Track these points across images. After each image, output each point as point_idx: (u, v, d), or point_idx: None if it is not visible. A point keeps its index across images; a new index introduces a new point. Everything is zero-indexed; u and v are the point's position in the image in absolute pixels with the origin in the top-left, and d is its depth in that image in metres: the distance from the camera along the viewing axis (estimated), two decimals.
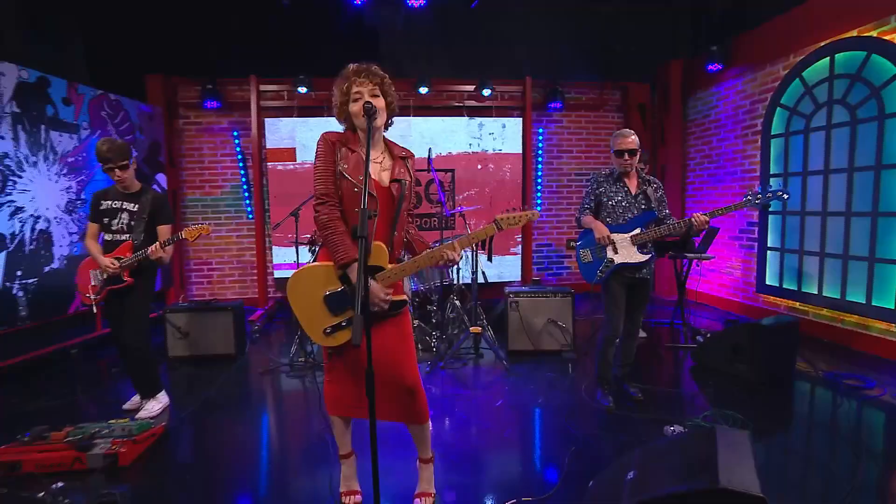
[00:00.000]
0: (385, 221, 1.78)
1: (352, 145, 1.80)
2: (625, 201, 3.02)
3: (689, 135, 6.21)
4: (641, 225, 2.96)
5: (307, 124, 5.72)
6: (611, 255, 2.96)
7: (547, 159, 6.57)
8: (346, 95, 1.77)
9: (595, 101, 6.64)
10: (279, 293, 6.05)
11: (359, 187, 1.68)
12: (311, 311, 1.77)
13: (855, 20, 4.00)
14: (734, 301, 5.45)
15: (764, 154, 4.95)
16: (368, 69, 1.78)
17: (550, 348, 4.06)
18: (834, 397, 3.23)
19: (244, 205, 6.04)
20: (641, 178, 3.09)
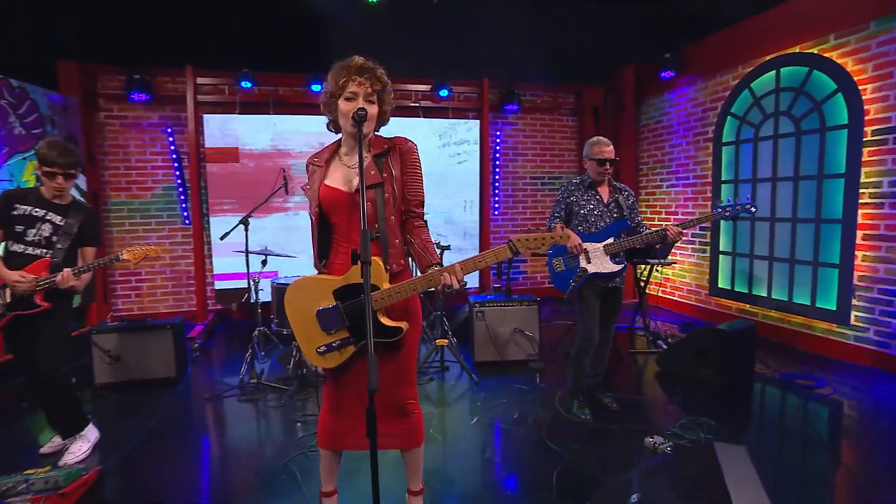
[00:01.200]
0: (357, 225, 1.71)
1: (322, 160, 1.76)
2: (597, 210, 3.08)
3: (642, 139, 6.52)
4: (614, 234, 3.04)
5: (251, 122, 5.47)
6: (583, 265, 3.01)
7: (503, 162, 6.66)
8: (340, 89, 1.67)
9: (550, 104, 6.82)
10: (220, 305, 5.72)
11: (342, 197, 1.67)
12: (306, 326, 1.72)
13: (797, 37, 4.37)
14: (688, 304, 5.78)
15: (716, 161, 5.29)
16: (374, 70, 1.68)
17: (517, 358, 4.11)
18: (791, 398, 3.51)
19: (179, 209, 5.66)
20: (613, 186, 3.17)
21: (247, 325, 5.47)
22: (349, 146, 1.75)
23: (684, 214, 5.84)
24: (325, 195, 1.72)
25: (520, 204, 6.90)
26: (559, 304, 6.13)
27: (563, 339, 4.81)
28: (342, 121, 1.69)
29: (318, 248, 1.77)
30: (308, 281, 1.73)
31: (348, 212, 1.71)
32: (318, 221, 1.76)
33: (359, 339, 1.69)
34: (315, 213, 1.76)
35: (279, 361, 4.26)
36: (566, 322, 5.44)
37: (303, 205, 5.68)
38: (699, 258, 5.59)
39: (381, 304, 1.64)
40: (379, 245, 1.67)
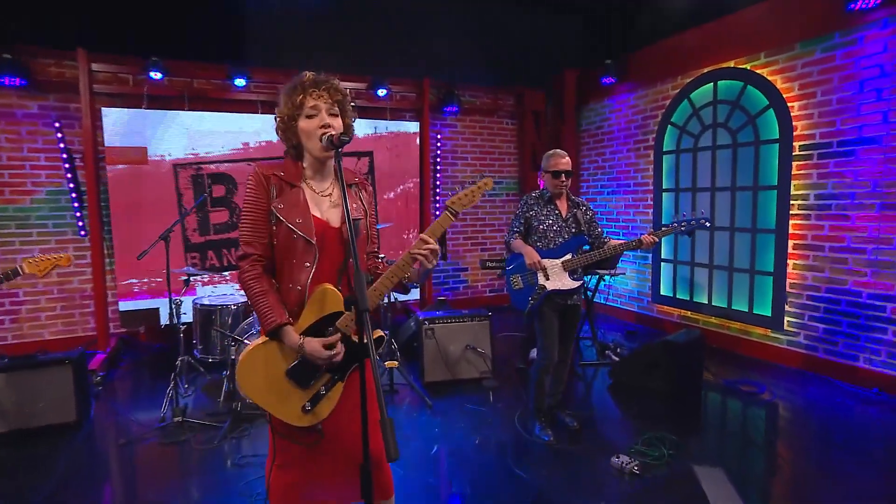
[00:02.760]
0: (334, 266, 1.66)
1: (292, 178, 1.65)
2: (556, 225, 3.14)
3: (582, 145, 6.75)
4: (573, 250, 3.10)
5: (162, 119, 5.06)
6: (542, 282, 3.05)
7: (442, 166, 6.65)
8: (297, 109, 1.61)
9: (490, 106, 6.89)
10: (123, 329, 5.20)
11: (298, 233, 1.58)
12: (278, 393, 1.63)
13: (732, 52, 4.72)
14: (630, 311, 6.06)
15: (657, 168, 5.59)
16: (329, 82, 1.64)
17: (469, 376, 4.12)
18: (736, 404, 3.78)
19: (70, 217, 5.08)
20: (571, 200, 3.24)
21: (158, 350, 5.10)
22: (314, 169, 1.68)
23: (626, 221, 6.11)
24: (320, 230, 1.63)
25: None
26: (505, 313, 6.20)
27: (515, 353, 4.86)
28: (307, 143, 1.63)
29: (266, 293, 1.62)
30: (259, 350, 1.63)
31: (322, 245, 1.63)
32: (271, 256, 1.65)
33: (345, 370, 1.66)
34: (286, 246, 1.62)
35: (205, 393, 3.97)
36: (516, 334, 5.50)
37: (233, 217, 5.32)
38: (641, 265, 5.88)
39: (353, 326, 1.62)
40: (331, 272, 1.65)
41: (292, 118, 1.62)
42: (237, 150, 5.30)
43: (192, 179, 5.15)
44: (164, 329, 5.09)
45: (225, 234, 5.16)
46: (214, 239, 5.14)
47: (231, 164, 5.28)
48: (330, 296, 1.63)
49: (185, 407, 3.51)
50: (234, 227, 5.19)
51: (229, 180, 5.28)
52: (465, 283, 7.05)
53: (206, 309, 3.94)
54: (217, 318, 3.95)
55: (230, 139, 5.28)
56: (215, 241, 5.15)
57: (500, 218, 7.14)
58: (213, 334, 3.95)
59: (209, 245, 5.13)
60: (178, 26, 5.08)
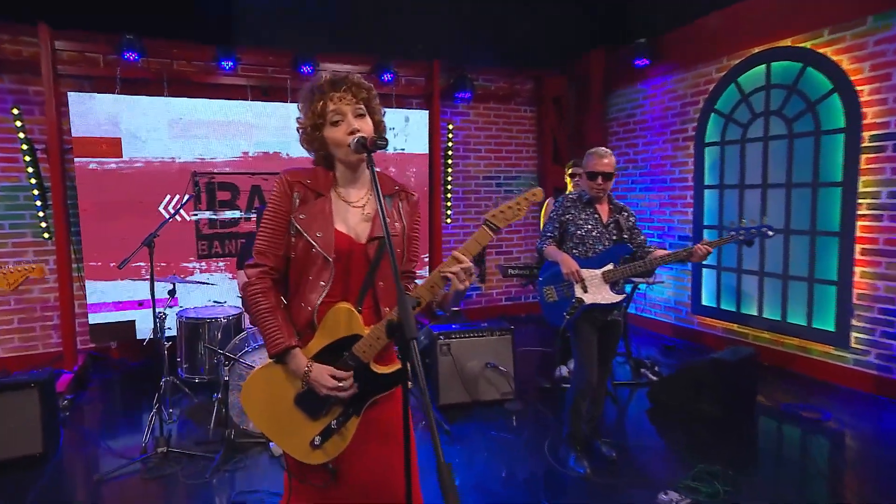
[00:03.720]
0: (356, 285, 1.66)
1: (321, 187, 1.66)
2: (595, 231, 3.12)
3: (610, 135, 6.68)
4: (614, 259, 3.07)
5: (139, 105, 4.99)
6: (579, 294, 3.03)
7: (453, 160, 6.59)
8: (319, 117, 1.62)
9: (506, 92, 6.83)
10: (92, 344, 5.12)
11: (317, 247, 1.60)
12: (285, 423, 1.64)
13: (788, 29, 4.64)
14: (666, 323, 5.99)
15: (697, 162, 5.51)
16: (350, 80, 1.64)
17: (490, 398, 4.08)
18: (798, 433, 3.70)
19: (31, 217, 4.99)
20: (613, 204, 3.22)
21: (133, 369, 5.04)
22: (347, 178, 1.69)
23: (661, 222, 6.04)
24: (342, 246, 1.62)
25: (472, 208, 6.87)
26: (525, 325, 6.13)
27: (539, 371, 4.80)
28: (336, 152, 1.65)
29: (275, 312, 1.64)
30: (264, 371, 1.66)
31: (340, 267, 1.63)
32: (286, 272, 1.67)
33: (362, 403, 1.65)
34: (307, 261, 1.63)
35: (192, 419, 3.90)
36: (539, 349, 5.45)
37: (246, 226, 5.31)
38: (679, 271, 5.80)
39: (372, 353, 1.62)
40: (351, 289, 1.66)
41: (316, 128, 1.63)
42: (227, 139, 5.24)
43: (178, 174, 5.09)
44: (140, 344, 5.02)
45: (230, 228, 5.35)
46: (221, 232, 5.32)
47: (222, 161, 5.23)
48: (347, 317, 1.62)
49: (170, 435, 3.44)
50: (236, 223, 5.37)
51: (232, 187, 5.31)
52: (479, 290, 6.99)
53: (193, 322, 3.88)
54: (205, 332, 3.90)
55: (219, 129, 5.22)
56: (222, 233, 5.35)
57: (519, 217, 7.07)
58: (201, 351, 3.90)
59: (216, 236, 5.32)
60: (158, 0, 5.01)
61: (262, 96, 5.49)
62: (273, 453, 3.29)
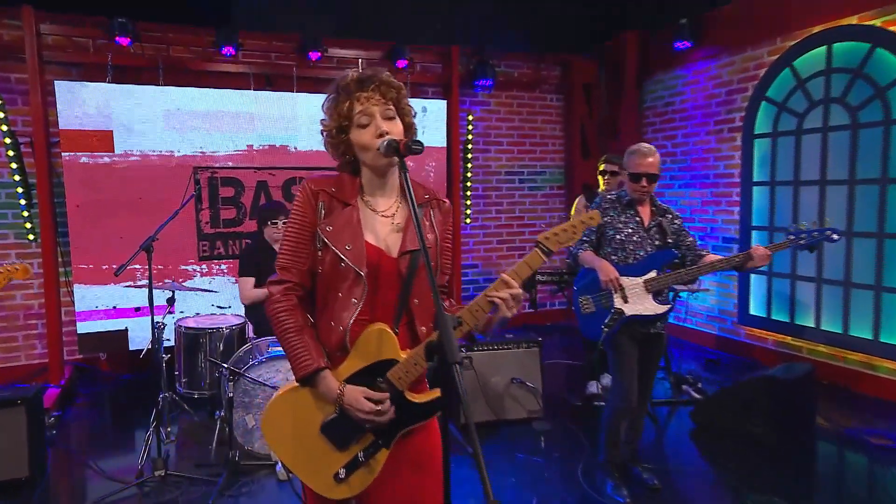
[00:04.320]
0: (388, 303, 1.67)
1: (347, 195, 1.67)
2: (636, 235, 3.10)
3: (646, 126, 6.59)
4: (657, 266, 3.05)
5: (132, 95, 4.99)
6: (619, 305, 3.02)
7: (473, 153, 6.55)
8: (345, 119, 1.63)
9: (530, 79, 6.78)
10: (80, 355, 5.12)
11: (346, 261, 1.61)
12: (308, 452, 1.64)
13: (856, 5, 4.49)
14: (709, 334, 5.88)
15: (745, 156, 5.40)
16: (378, 78, 1.64)
17: (516, 417, 4.07)
18: (865, 462, 3.58)
19: (14, 216, 5.02)
20: (655, 206, 3.19)
21: (125, 382, 5.06)
22: (374, 185, 1.70)
23: (704, 222, 5.93)
24: (372, 259, 1.63)
25: (492, 207, 6.83)
26: (551, 335, 6.05)
27: (569, 387, 4.77)
28: (365, 155, 1.64)
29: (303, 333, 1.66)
30: (289, 395, 1.67)
31: (370, 282, 1.63)
32: (314, 288, 1.68)
33: (392, 434, 1.65)
34: (335, 276, 1.63)
35: (192, 439, 3.91)
36: (568, 362, 5.40)
37: (251, 225, 5.28)
38: (724, 277, 5.69)
39: (408, 380, 1.62)
40: (387, 307, 1.66)
41: (341, 130, 1.64)
42: (230, 132, 5.23)
43: (176, 171, 5.09)
44: (131, 355, 5.02)
45: (233, 227, 5.40)
46: (224, 231, 5.36)
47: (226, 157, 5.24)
48: (384, 339, 1.62)
49: (168, 456, 3.44)
50: (239, 223, 5.41)
51: (236, 182, 5.32)
52: None
53: (192, 333, 3.86)
54: (206, 343, 3.90)
55: (221, 120, 5.21)
56: (224, 233, 5.39)
57: (543, 217, 7.06)
58: (202, 364, 3.90)
59: (218, 236, 5.37)
60: None
61: (265, 85, 5.49)
62: (280, 477, 3.28)
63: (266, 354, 3.38)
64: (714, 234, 5.80)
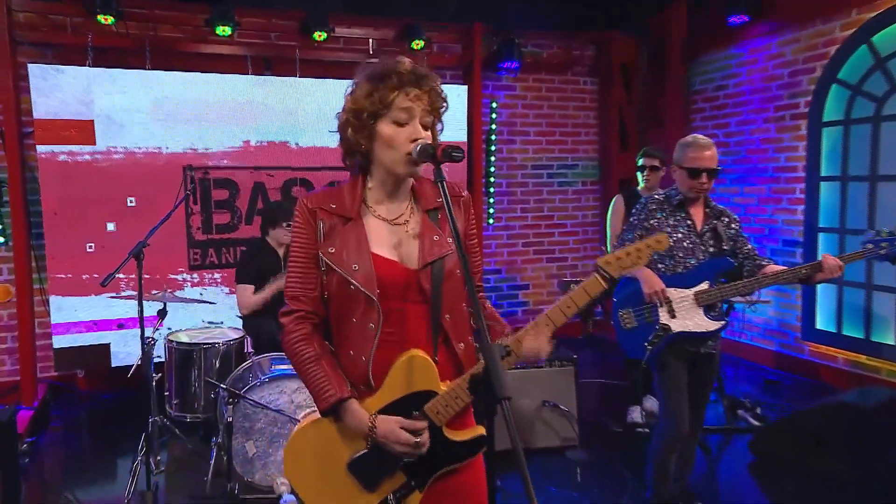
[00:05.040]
0: (419, 324, 1.69)
1: (347, 209, 1.70)
2: (687, 241, 3.09)
3: (693, 113, 6.58)
4: (710, 276, 3.04)
5: (114, 80, 5.05)
6: (665, 320, 3.02)
7: (497, 145, 6.59)
8: (382, 106, 1.62)
9: (561, 59, 6.80)
10: (57, 373, 5.21)
11: (355, 283, 1.63)
12: (334, 492, 1.67)
13: None
14: (767, 350, 5.86)
15: (811, 147, 5.37)
16: (434, 83, 1.67)
17: (548, 444, 4.08)
18: None
19: None
20: (710, 207, 3.18)
21: (105, 402, 5.12)
22: (386, 190, 1.72)
23: (761, 223, 5.91)
24: (384, 273, 1.65)
25: (518, 205, 6.86)
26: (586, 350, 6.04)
27: (607, 410, 4.77)
28: (386, 153, 1.65)
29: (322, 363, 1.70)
30: (313, 428, 1.70)
31: (389, 302, 1.66)
32: (328, 313, 1.72)
33: (427, 475, 1.67)
34: (346, 298, 1.66)
35: (185, 468, 3.94)
36: (606, 381, 5.41)
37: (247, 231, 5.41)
38: (786, 285, 5.64)
39: (448, 415, 1.64)
40: (420, 327, 1.69)
41: (372, 116, 1.63)
42: (225, 122, 5.31)
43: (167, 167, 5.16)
44: (115, 373, 5.09)
45: (227, 233, 5.48)
46: (217, 238, 5.45)
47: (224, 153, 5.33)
48: (419, 367, 1.64)
49: (157, 488, 3.48)
50: (233, 229, 5.48)
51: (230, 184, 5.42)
52: (526, 305, 6.97)
53: (185, 349, 3.92)
54: (200, 360, 3.95)
55: (218, 109, 5.28)
56: (217, 240, 5.47)
57: (575, 216, 7.08)
58: (195, 384, 3.95)
59: (211, 243, 5.45)
60: None
61: (264, 69, 5.55)
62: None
63: (269, 373, 3.42)
64: (773, 236, 5.78)
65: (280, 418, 3.34)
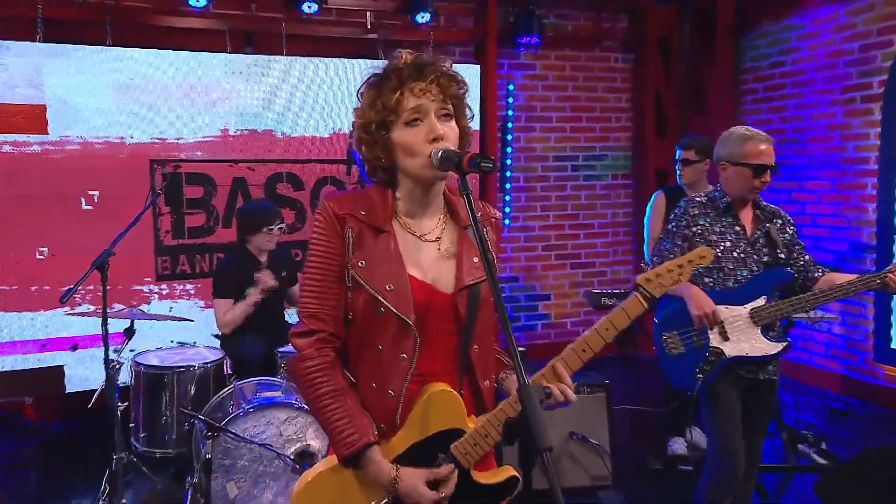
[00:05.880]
0: (445, 354, 1.73)
1: (379, 219, 1.72)
2: (737, 249, 3.11)
3: (744, 95, 6.60)
4: (766, 290, 3.05)
5: (69, 58, 5.06)
6: (716, 344, 3.03)
7: (514, 134, 6.62)
8: (390, 112, 1.66)
9: (588, 33, 6.82)
10: (2, 399, 5.22)
11: (388, 306, 1.64)
12: None
13: None
14: (833, 373, 5.87)
15: (887, 135, 5.36)
16: (440, 67, 1.68)
17: (576, 484, 4.05)
18: None
19: None
20: (761, 209, 3.19)
21: (57, 433, 5.13)
22: (414, 201, 1.75)
23: (824, 223, 5.93)
24: (418, 297, 1.67)
25: (537, 202, 6.90)
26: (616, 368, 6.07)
27: (644, 442, 4.79)
28: (408, 161, 1.67)
29: None
30: (327, 479, 1.71)
31: (427, 326, 1.68)
32: (354, 338, 1.74)
33: None
34: (370, 321, 1.68)
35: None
36: (643, 408, 5.42)
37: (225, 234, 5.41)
38: (854, 297, 5.62)
39: (476, 456, 1.66)
40: (446, 358, 1.72)
41: (382, 126, 1.66)
42: (203, 108, 5.33)
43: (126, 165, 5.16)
44: (69, 399, 5.11)
45: (202, 237, 5.50)
46: (189, 243, 5.45)
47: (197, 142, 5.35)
48: (448, 403, 1.67)
49: None
50: (209, 232, 5.50)
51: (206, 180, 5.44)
52: (547, 318, 7.02)
53: (155, 373, 3.91)
54: (172, 386, 3.93)
55: (191, 91, 5.30)
56: (190, 245, 5.47)
57: (603, 215, 7.12)
58: (166, 414, 3.92)
59: (182, 249, 5.46)
60: None
61: (245, 46, 5.58)
62: None
63: (253, 401, 3.42)
64: (839, 239, 5.79)
65: (266, 454, 3.33)
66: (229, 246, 5.11)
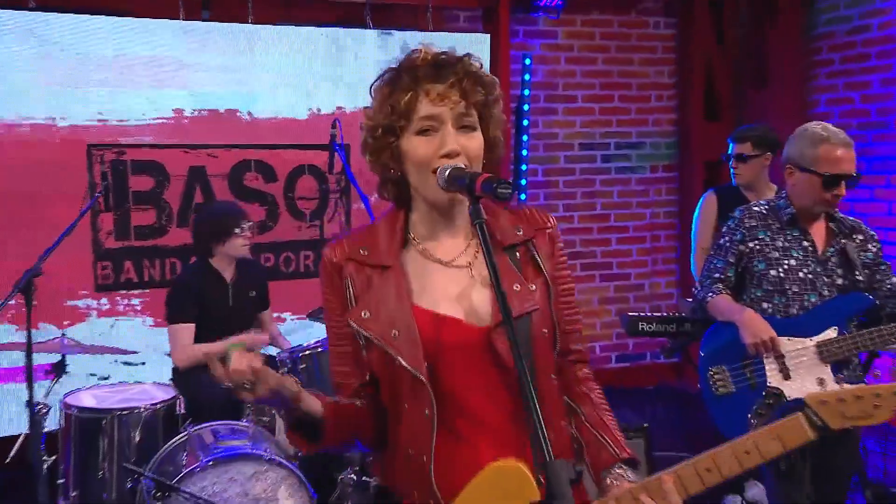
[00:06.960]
0: (500, 408, 1.71)
1: (382, 255, 1.77)
2: (804, 269, 3.13)
3: (816, 67, 6.64)
4: (839, 320, 3.08)
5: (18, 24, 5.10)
6: (776, 383, 3.08)
7: (532, 116, 6.64)
8: (400, 117, 1.68)
9: None
10: None
11: (399, 358, 1.67)
12: None
13: None
14: None
15: None
16: (464, 67, 1.70)
17: None
18: None
19: None
20: (835, 220, 3.21)
21: None
22: (432, 222, 1.78)
23: None
24: (443, 336, 1.70)
25: (560, 200, 6.99)
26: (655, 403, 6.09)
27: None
28: (417, 177, 1.71)
29: None
30: None
31: (459, 369, 1.69)
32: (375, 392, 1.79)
33: None
34: (386, 375, 1.73)
35: None
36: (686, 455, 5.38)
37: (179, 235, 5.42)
38: None
39: None
40: (506, 417, 1.71)
41: (390, 131, 1.69)
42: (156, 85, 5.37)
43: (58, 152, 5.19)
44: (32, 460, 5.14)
45: (152, 239, 5.51)
46: (137, 246, 5.48)
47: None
48: (508, 484, 1.56)
49: None
50: (161, 232, 5.51)
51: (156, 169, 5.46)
52: None
53: (90, 416, 3.91)
54: (111, 432, 3.93)
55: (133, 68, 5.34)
56: (137, 248, 5.48)
57: (640, 216, 7.17)
58: (104, 468, 3.91)
59: (128, 253, 5.46)
60: None
61: (201, 11, 5.61)
62: None
63: (213, 453, 3.42)
64: None
65: None
66: (184, 251, 5.14)
